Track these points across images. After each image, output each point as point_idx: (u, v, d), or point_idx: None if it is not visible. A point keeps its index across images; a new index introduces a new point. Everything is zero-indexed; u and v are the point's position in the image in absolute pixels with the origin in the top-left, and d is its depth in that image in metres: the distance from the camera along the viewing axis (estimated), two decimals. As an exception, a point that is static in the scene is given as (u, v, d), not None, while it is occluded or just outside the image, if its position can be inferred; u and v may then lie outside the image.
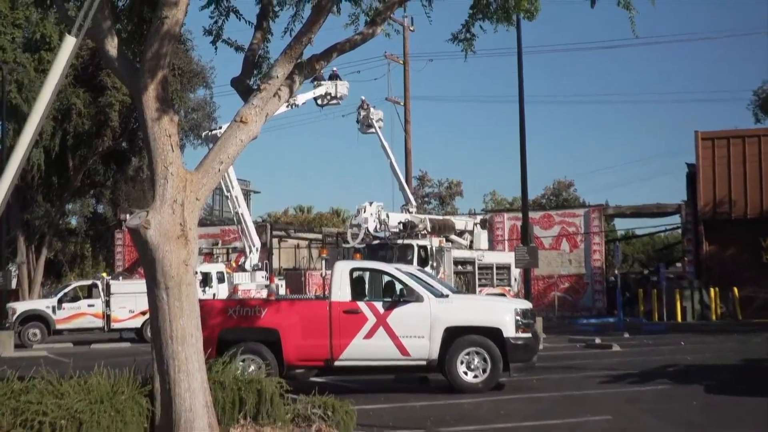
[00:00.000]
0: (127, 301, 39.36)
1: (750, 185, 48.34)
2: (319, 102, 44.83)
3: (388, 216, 38.52)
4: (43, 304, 40.54)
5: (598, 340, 31.40)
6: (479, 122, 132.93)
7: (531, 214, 43.49)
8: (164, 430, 11.84)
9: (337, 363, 19.22)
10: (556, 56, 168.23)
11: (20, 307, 40.44)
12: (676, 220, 54.14)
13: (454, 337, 19.07)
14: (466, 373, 19.04)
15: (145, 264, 11.82)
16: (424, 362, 19.20)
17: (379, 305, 19.33)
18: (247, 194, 69.14)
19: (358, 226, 37.81)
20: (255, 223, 50.14)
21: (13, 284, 54.21)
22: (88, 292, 41.19)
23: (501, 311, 19.63)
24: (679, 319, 44.06)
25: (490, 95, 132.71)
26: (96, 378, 12.29)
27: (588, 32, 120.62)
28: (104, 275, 42.72)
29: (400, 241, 37.45)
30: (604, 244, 53.53)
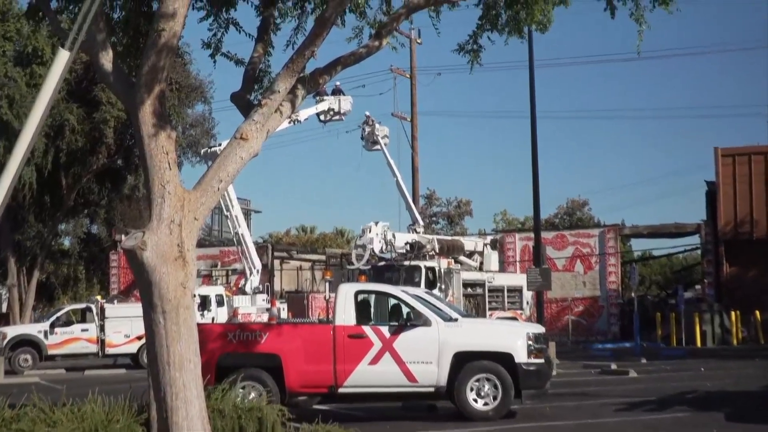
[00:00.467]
0: (123, 326, 39.29)
1: (772, 203, 48.31)
2: (322, 118, 44.89)
3: (394, 236, 38.51)
4: (34, 329, 40.45)
5: (614, 366, 31.32)
6: (489, 138, 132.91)
7: (543, 234, 43.49)
8: (161, 459, 11.83)
9: (341, 390, 19.19)
10: (569, 69, 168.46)
11: (11, 331, 40.36)
12: (695, 240, 54.20)
13: (464, 362, 19.04)
14: (476, 401, 19.00)
15: (142, 287, 11.83)
16: (432, 389, 19.17)
17: (385, 329, 19.31)
18: (247, 214, 69.21)
19: (363, 246, 37.82)
20: (256, 243, 50.14)
21: (4, 308, 54.28)
22: (82, 316, 41.12)
23: (512, 336, 19.61)
24: (699, 343, 43.90)
25: (500, 110, 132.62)
26: (90, 406, 12.29)
27: (603, 45, 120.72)
28: (98, 298, 42.67)
29: (407, 263, 37.44)
30: (620, 266, 53.49)
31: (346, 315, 19.48)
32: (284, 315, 44.38)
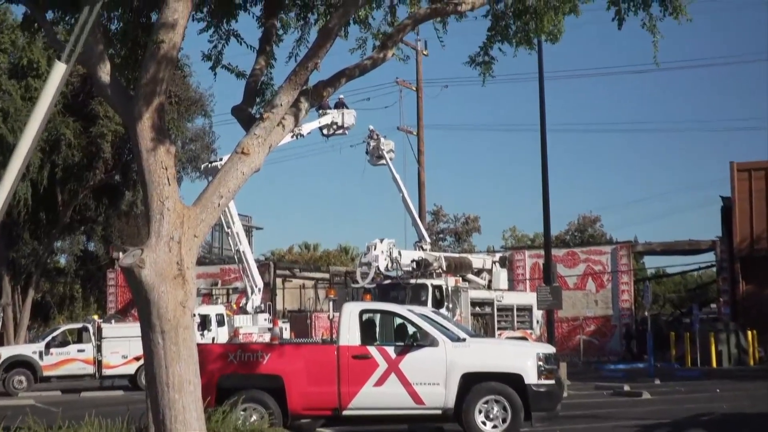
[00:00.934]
0: (120, 346, 39.26)
1: (790, 220, 48.29)
2: (325, 132, 44.96)
3: (400, 254, 38.53)
4: (29, 349, 40.47)
5: (626, 387, 31.26)
6: (498, 153, 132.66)
7: (554, 252, 43.47)
8: (159, 484, 11.82)
9: (345, 412, 19.16)
10: (579, 82, 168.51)
11: (5, 352, 40.40)
12: (710, 257, 54.04)
13: (472, 384, 19.00)
14: (484, 423, 18.95)
15: (140, 306, 11.84)
16: (439, 411, 19.13)
17: (390, 350, 19.28)
18: (248, 231, 69.24)
19: (368, 264, 37.83)
20: (257, 261, 50.18)
21: (-2, 328, 54.25)
22: (78, 336, 41.17)
23: (522, 356, 19.58)
24: (714, 364, 43.80)
25: (509, 123, 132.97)
26: (87, 429, 12.30)
27: (613, 57, 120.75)
28: (95, 318, 42.65)
29: (413, 281, 37.45)
30: (632, 284, 53.44)
31: (350, 335, 19.46)
32: (286, 335, 44.37)
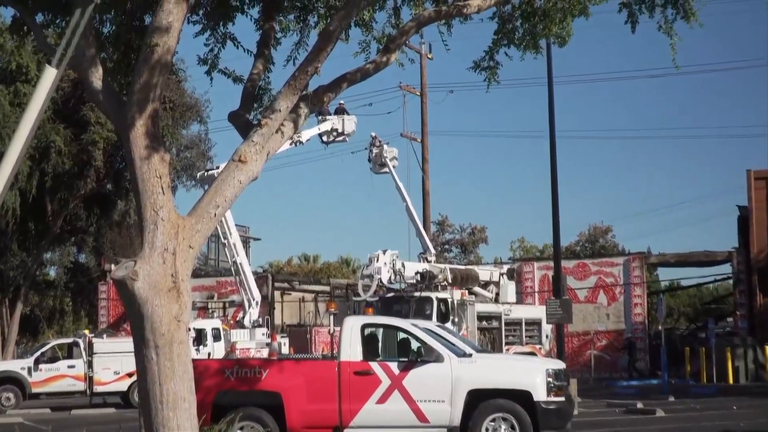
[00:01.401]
0: (112, 362, 39.23)
1: (809, 230, 48.26)
2: (325, 138, 44.91)
3: (403, 265, 38.52)
4: (17, 365, 40.48)
5: (639, 405, 31.25)
6: (505, 160, 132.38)
7: (564, 263, 43.43)
8: (153, 506, 11.79)
9: (347, 430, 19.15)
10: (589, 87, 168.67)
11: (-8, 368, 40.44)
12: (726, 269, 54.04)
13: (479, 401, 18.99)
14: (491, 442, 18.97)
15: (133, 320, 11.82)
16: (444, 429, 19.11)
17: (393, 366, 19.27)
18: (246, 241, 69.19)
19: (371, 276, 37.82)
20: (255, 273, 50.14)
21: (-15, 343, 54.25)
22: (68, 352, 41.14)
23: (531, 372, 19.57)
24: (731, 380, 43.77)
25: (517, 130, 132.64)
26: (77, 448, 12.29)
27: (624, 61, 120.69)
28: (86, 332, 42.64)
29: (417, 294, 37.44)
30: (646, 297, 53.41)
31: (351, 350, 19.45)
32: (285, 350, 44.31)
